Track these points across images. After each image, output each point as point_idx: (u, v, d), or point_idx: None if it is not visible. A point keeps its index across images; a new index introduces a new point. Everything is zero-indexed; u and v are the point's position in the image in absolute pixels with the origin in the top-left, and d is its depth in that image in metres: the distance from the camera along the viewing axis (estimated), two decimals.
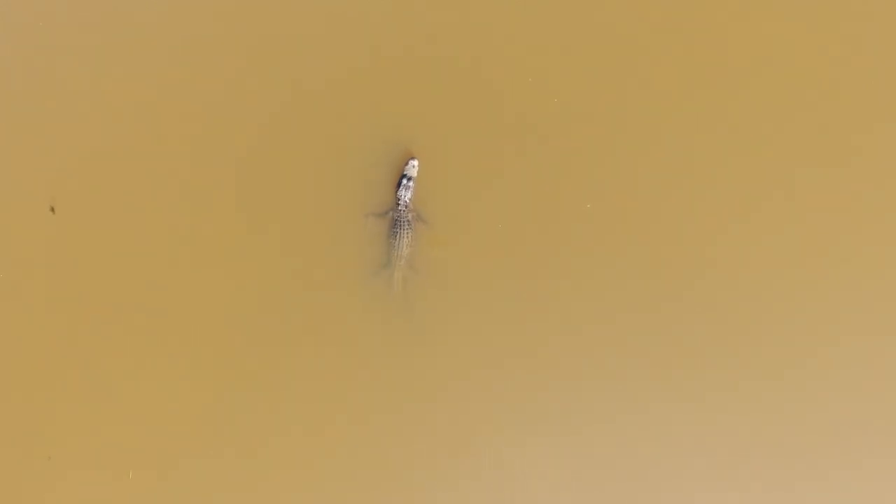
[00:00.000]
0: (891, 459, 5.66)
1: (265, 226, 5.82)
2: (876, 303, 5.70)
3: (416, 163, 5.66)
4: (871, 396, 5.66)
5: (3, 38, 5.90)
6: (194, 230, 5.84)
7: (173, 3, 5.88)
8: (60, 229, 5.87)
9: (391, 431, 5.81)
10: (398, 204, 5.70)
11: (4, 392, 5.84)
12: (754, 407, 5.70)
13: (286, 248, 5.81)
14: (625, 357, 5.74)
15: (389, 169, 5.76)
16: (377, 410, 5.82)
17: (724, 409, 5.71)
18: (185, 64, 5.86)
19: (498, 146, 5.77)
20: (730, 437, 5.71)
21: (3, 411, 5.84)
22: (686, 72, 5.78)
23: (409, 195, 5.69)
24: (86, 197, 5.87)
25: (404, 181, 5.68)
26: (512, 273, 5.78)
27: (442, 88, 5.76)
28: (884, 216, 5.75)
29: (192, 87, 5.85)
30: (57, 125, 5.87)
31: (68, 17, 5.90)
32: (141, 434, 5.85)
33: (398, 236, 5.69)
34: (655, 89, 5.77)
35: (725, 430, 5.71)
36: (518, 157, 5.77)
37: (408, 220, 5.70)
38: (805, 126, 5.77)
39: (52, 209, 5.86)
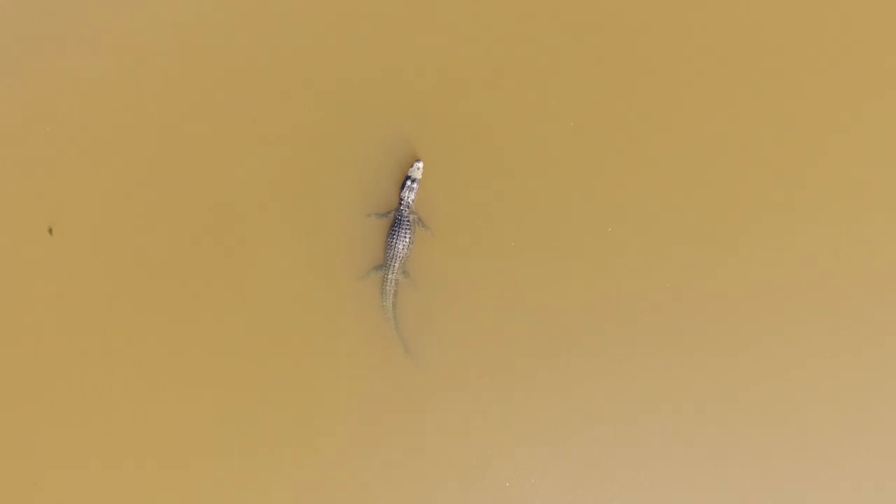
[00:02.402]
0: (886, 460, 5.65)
1: (267, 228, 5.89)
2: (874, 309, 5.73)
3: (420, 165, 5.76)
4: (867, 400, 5.66)
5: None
6: (193, 234, 5.93)
7: (177, 9, 6.08)
8: (59, 249, 5.94)
9: (384, 435, 5.75)
10: (400, 204, 5.76)
11: None
12: (753, 411, 5.70)
13: (285, 250, 5.86)
14: (626, 366, 5.72)
15: (396, 171, 5.88)
16: (368, 414, 5.76)
17: (725, 410, 5.71)
18: (190, 70, 6.03)
19: (508, 158, 5.86)
20: (729, 438, 5.70)
21: None
22: (700, 89, 5.89)
23: (412, 196, 5.76)
24: (84, 212, 5.97)
25: (408, 182, 5.75)
26: (509, 281, 5.79)
27: (455, 97, 5.89)
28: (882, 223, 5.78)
29: (195, 91, 6.00)
30: (56, 144, 6.02)
31: (67, 32, 6.10)
32: (131, 462, 5.78)
33: (397, 236, 5.72)
34: (667, 102, 5.87)
35: (725, 432, 5.69)
36: (528, 170, 5.85)
37: (408, 221, 5.74)
38: (811, 148, 5.85)
39: (50, 230, 5.94)
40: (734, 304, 5.72)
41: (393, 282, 5.72)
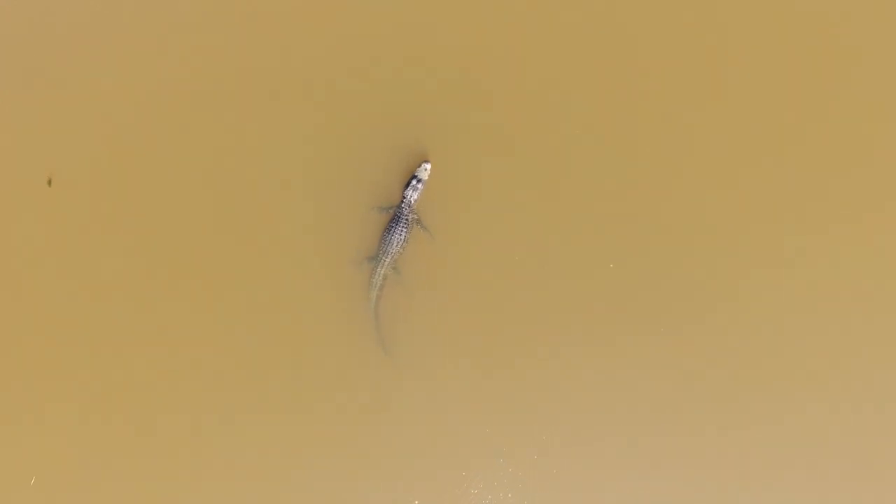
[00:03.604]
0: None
1: (271, 210, 5.97)
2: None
3: (428, 166, 5.85)
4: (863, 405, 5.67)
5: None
6: (191, 199, 6.00)
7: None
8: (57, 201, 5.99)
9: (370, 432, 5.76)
10: (402, 201, 5.83)
11: None
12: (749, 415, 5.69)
13: (287, 233, 5.94)
14: (611, 373, 5.74)
15: (406, 170, 5.96)
16: (353, 412, 5.78)
17: (715, 419, 5.69)
18: (204, 63, 6.14)
19: (516, 169, 5.92)
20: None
21: None
22: (708, 99, 5.96)
23: (415, 196, 5.83)
24: (85, 167, 6.03)
25: (413, 182, 5.83)
26: (499, 292, 5.81)
27: (473, 103, 5.99)
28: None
29: (211, 86, 6.11)
30: (58, 99, 6.10)
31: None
32: (97, 422, 5.80)
33: (393, 232, 5.78)
34: (675, 104, 5.95)
35: (716, 439, 5.68)
36: (534, 182, 5.90)
37: (407, 220, 5.81)
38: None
39: (50, 182, 5.98)
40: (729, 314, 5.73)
41: (381, 276, 5.77)
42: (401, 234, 5.73)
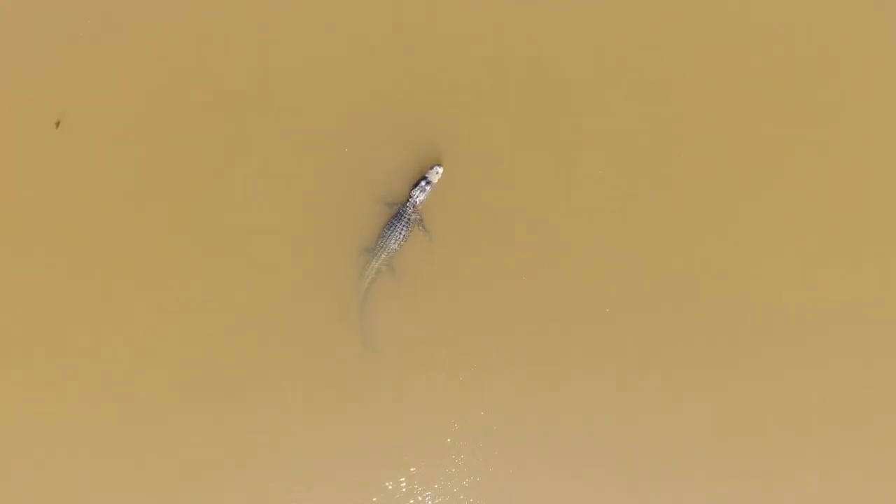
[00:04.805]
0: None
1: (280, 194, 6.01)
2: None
3: (440, 170, 5.84)
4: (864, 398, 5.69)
5: None
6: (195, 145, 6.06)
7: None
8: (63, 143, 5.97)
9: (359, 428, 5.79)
10: (408, 200, 5.85)
11: None
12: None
13: (294, 218, 5.97)
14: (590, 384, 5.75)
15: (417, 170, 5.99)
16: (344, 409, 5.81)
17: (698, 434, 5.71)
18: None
19: (526, 182, 5.94)
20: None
21: None
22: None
23: (421, 196, 5.85)
24: (93, 111, 6.03)
25: (422, 183, 5.85)
26: (493, 301, 5.85)
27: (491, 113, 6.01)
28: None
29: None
30: (67, 42, 6.13)
31: None
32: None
33: (393, 230, 5.80)
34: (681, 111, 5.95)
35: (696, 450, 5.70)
36: (541, 194, 5.93)
37: (408, 218, 5.83)
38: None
39: (58, 124, 5.94)
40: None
41: (375, 269, 5.79)
42: (401, 232, 5.74)
